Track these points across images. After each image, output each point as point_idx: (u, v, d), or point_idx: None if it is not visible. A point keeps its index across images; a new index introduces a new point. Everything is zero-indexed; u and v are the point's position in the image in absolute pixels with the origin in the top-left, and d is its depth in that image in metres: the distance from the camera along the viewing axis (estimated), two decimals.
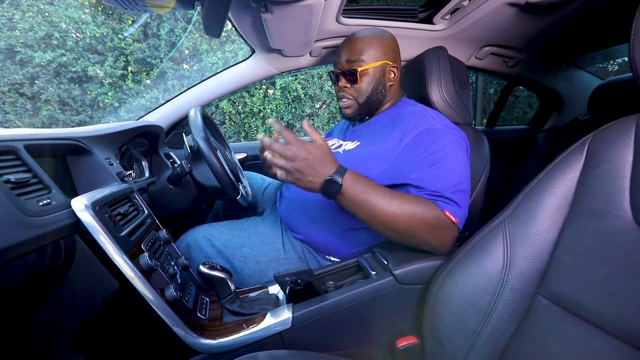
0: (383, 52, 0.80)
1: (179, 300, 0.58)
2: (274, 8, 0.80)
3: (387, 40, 0.82)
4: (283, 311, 0.64)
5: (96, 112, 4.17)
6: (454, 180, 0.66)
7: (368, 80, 0.80)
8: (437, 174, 0.66)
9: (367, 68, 0.79)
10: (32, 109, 4.07)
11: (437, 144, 0.69)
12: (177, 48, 4.15)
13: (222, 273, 0.65)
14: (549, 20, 1.00)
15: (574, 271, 0.48)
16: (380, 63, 0.80)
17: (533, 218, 0.54)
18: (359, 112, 0.84)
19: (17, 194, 0.41)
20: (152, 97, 4.09)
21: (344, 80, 0.81)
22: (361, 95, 0.82)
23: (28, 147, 0.49)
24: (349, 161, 0.75)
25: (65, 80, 3.96)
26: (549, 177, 0.55)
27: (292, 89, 4.26)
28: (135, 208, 0.69)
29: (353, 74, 0.79)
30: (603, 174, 0.49)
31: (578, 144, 0.55)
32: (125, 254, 0.52)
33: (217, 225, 0.88)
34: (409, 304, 0.68)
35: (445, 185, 0.65)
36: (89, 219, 0.49)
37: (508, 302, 0.53)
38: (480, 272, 0.56)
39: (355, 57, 0.79)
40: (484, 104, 4.31)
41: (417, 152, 0.69)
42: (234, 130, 4.46)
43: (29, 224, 0.40)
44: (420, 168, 0.67)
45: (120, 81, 4.07)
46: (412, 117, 0.75)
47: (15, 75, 3.87)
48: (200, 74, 4.18)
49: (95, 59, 3.98)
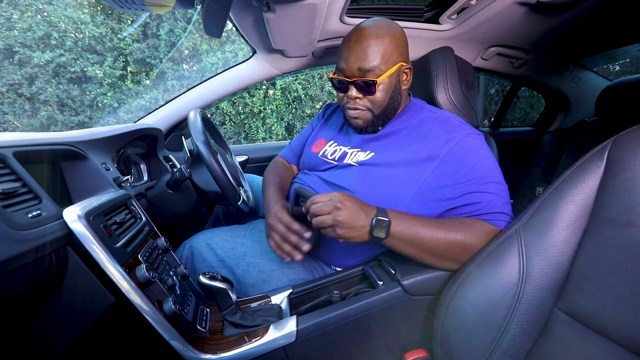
0: (399, 51, 0.69)
1: (177, 313, 0.55)
2: (277, 7, 0.77)
3: (399, 35, 0.70)
4: (287, 324, 0.61)
5: (95, 112, 4.15)
6: (501, 192, 0.64)
7: (385, 89, 0.70)
8: (486, 190, 0.63)
9: (385, 77, 0.68)
10: (30, 109, 4.04)
11: (475, 157, 0.64)
12: (176, 48, 4.12)
13: (222, 283, 0.62)
14: (558, 19, 0.97)
15: (596, 285, 0.46)
16: (397, 67, 0.69)
17: (550, 228, 0.52)
18: (372, 123, 0.74)
19: (3, 206, 0.38)
20: (152, 97, 4.06)
21: (355, 90, 0.70)
22: (377, 106, 0.71)
23: (17, 154, 0.46)
24: (369, 176, 0.70)
25: (64, 80, 3.94)
26: (566, 184, 0.52)
27: (292, 89, 4.24)
28: (132, 215, 0.66)
29: (370, 85, 0.68)
30: (625, 182, 0.46)
31: (597, 149, 0.51)
32: (121, 266, 0.49)
33: (220, 232, 0.84)
34: (417, 316, 0.65)
35: (496, 201, 0.63)
36: (82, 230, 0.46)
37: (524, 317, 0.51)
38: (495, 285, 0.54)
39: (370, 64, 0.66)
40: (485, 105, 4.29)
41: (455, 171, 0.64)
42: (234, 131, 4.44)
43: (16, 238, 0.37)
44: (466, 188, 0.63)
45: (119, 81, 4.04)
46: (437, 128, 0.69)
47: (13, 76, 3.85)
48: (200, 74, 4.15)
49: (94, 59, 3.95)
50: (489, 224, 0.62)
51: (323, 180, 0.79)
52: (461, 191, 0.64)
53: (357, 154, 0.75)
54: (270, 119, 4.32)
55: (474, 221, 0.63)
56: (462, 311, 0.56)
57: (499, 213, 0.63)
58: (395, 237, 0.59)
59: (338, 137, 0.85)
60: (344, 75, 0.70)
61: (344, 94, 0.73)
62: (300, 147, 0.99)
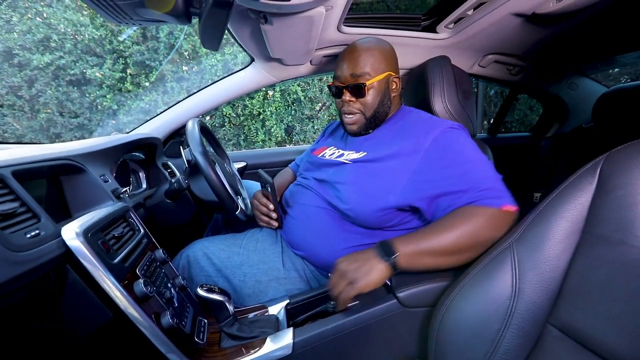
0: (387, 62, 0.79)
1: (175, 327, 0.56)
2: (274, 19, 0.78)
3: (388, 50, 0.81)
4: (284, 336, 0.62)
5: (95, 114, 4.15)
6: (490, 172, 0.66)
7: (374, 93, 0.79)
8: (475, 172, 0.65)
9: (374, 81, 0.77)
10: (30, 111, 4.05)
11: (457, 144, 0.69)
12: (175, 50, 4.12)
13: (220, 296, 0.63)
14: (554, 29, 0.98)
15: (587, 302, 0.46)
16: (385, 75, 0.78)
17: (543, 243, 0.52)
18: (365, 127, 0.82)
19: (2, 228, 0.39)
20: (151, 99, 4.07)
21: (349, 94, 0.79)
22: (368, 109, 0.80)
23: (16, 172, 0.47)
24: (362, 171, 0.75)
25: (63, 82, 3.94)
26: (559, 200, 0.53)
27: (291, 91, 4.25)
28: (130, 228, 0.67)
29: (360, 88, 0.77)
30: (617, 200, 0.47)
31: (590, 165, 0.52)
32: (119, 282, 0.50)
33: (217, 241, 0.85)
34: (413, 328, 0.66)
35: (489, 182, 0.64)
36: (80, 248, 0.47)
37: (517, 332, 0.51)
38: (488, 299, 0.54)
39: (361, 70, 0.77)
40: (484, 106, 4.29)
41: (440, 157, 0.68)
42: (234, 133, 4.44)
43: (14, 260, 0.38)
44: (453, 173, 0.65)
45: (119, 84, 4.05)
46: (420, 125, 0.75)
47: (13, 78, 3.85)
48: (200, 76, 4.15)
49: (94, 61, 3.96)
50: (485, 207, 0.61)
51: (318, 180, 0.84)
52: (449, 174, 0.66)
53: (350, 154, 0.82)
54: (269, 121, 4.32)
55: (467, 210, 0.62)
56: (456, 324, 0.57)
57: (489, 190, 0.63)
58: (407, 256, 0.60)
59: (337, 143, 0.92)
60: (339, 82, 0.81)
61: (340, 99, 0.82)
62: (303, 159, 1.07)
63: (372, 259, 0.59)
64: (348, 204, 0.73)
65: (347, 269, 0.59)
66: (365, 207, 0.71)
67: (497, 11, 0.88)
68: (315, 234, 0.79)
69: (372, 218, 0.72)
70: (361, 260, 0.60)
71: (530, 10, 0.85)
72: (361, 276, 0.58)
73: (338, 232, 0.76)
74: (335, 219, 0.77)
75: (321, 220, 0.78)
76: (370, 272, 0.58)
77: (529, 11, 0.85)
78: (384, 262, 0.59)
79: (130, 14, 0.60)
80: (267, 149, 1.73)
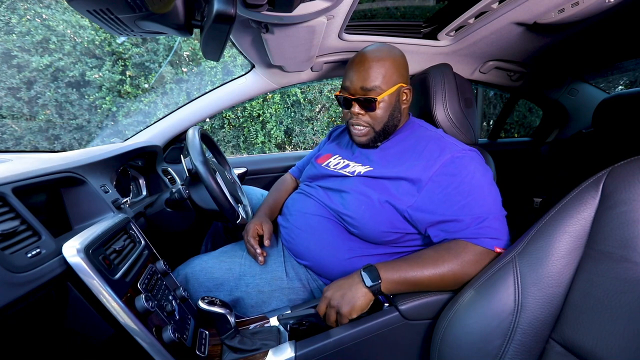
0: (398, 74, 0.75)
1: (176, 341, 0.55)
2: (275, 29, 0.78)
3: (400, 59, 0.76)
4: (285, 349, 0.62)
5: (94, 116, 4.14)
6: (495, 207, 0.66)
7: (385, 107, 0.75)
8: (479, 205, 0.65)
9: (385, 95, 0.73)
10: (29, 113, 4.03)
11: (466, 171, 0.67)
12: (174, 51, 4.11)
13: (221, 308, 0.63)
14: (555, 38, 0.98)
15: (590, 319, 0.46)
16: (397, 87, 0.75)
17: (546, 258, 0.52)
18: (374, 139, 0.79)
19: (2, 248, 0.39)
20: (150, 101, 4.06)
21: (358, 107, 0.76)
22: (378, 123, 0.76)
23: (17, 189, 0.46)
24: (367, 186, 0.74)
25: (62, 84, 3.93)
26: (561, 214, 0.52)
27: (291, 93, 4.24)
28: (131, 240, 0.66)
29: (370, 102, 0.73)
30: (620, 216, 0.47)
31: (592, 180, 0.52)
32: (120, 299, 0.50)
33: (216, 254, 0.85)
34: (415, 340, 0.66)
35: (489, 219, 0.64)
36: (82, 265, 0.46)
37: (519, 347, 0.51)
38: (490, 314, 0.54)
39: (372, 84, 0.72)
40: (484, 108, 4.29)
41: (446, 184, 0.66)
42: (233, 135, 4.44)
43: (15, 282, 0.37)
44: (456, 202, 0.65)
45: (118, 85, 4.04)
46: (432, 145, 0.73)
47: (12, 80, 3.83)
48: (199, 78, 4.15)
49: (93, 63, 3.95)
50: (477, 246, 0.63)
51: (323, 188, 0.83)
52: (451, 203, 0.66)
53: (357, 167, 0.80)
54: (269, 123, 4.32)
55: (461, 245, 0.64)
56: (458, 339, 0.57)
57: (487, 229, 0.63)
58: (390, 281, 0.63)
59: (342, 151, 0.90)
60: (349, 93, 0.77)
61: (348, 110, 0.78)
62: (306, 164, 1.06)
63: (357, 284, 0.64)
64: (353, 216, 0.73)
65: (333, 297, 0.63)
66: (367, 222, 0.71)
67: (499, 20, 0.88)
68: (319, 244, 0.78)
69: (376, 233, 0.72)
70: (346, 286, 0.64)
71: (532, 20, 0.85)
72: (346, 303, 0.62)
73: (343, 242, 0.76)
74: (340, 229, 0.77)
75: (326, 230, 0.77)
76: (354, 299, 0.62)
77: (530, 21, 0.85)
78: (367, 288, 0.63)
79: (131, 26, 0.60)
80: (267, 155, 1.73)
